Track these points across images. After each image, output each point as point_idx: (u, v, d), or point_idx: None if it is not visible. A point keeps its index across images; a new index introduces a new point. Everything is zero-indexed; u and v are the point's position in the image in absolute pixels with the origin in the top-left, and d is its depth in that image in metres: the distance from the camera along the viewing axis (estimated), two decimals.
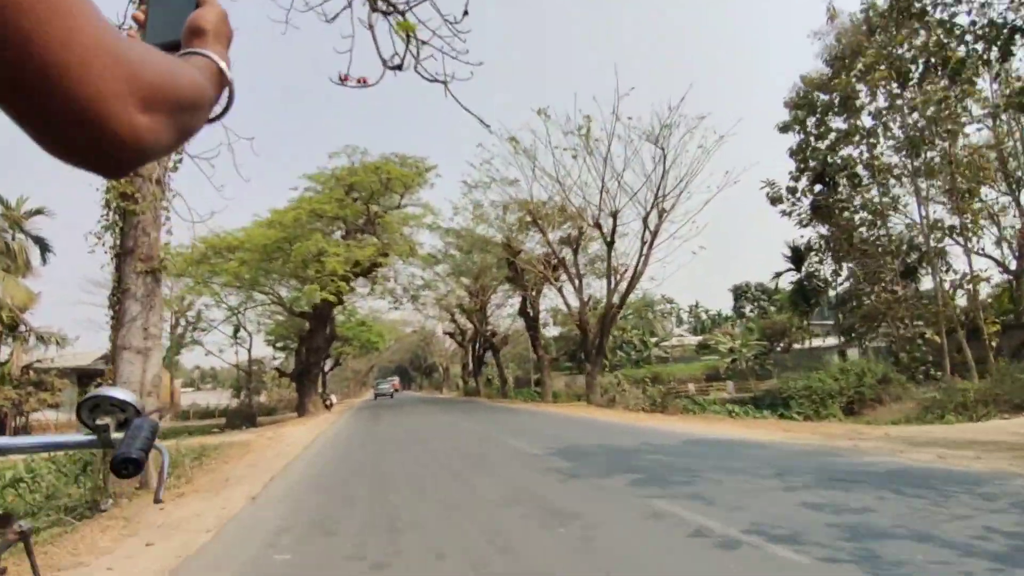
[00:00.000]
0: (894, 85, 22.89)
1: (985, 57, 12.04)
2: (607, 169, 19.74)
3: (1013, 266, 23.86)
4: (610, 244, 20.81)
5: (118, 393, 1.00)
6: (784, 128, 26.58)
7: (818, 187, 25.53)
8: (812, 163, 25.91)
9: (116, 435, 0.99)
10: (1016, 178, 22.40)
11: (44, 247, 28.10)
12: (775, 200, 27.09)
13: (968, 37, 12.04)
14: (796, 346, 35.35)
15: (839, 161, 24.10)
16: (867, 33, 22.73)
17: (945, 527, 3.98)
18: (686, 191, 21.36)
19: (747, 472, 6.45)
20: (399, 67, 5.12)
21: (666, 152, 19.67)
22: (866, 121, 24.84)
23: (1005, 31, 10.77)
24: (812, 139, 25.29)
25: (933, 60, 20.20)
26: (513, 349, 51.55)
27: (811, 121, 25.73)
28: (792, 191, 26.82)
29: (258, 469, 9.70)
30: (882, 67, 21.92)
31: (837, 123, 25.74)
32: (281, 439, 15.37)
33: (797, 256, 27.69)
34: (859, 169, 25.25)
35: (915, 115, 21.75)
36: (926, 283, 25.21)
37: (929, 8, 12.42)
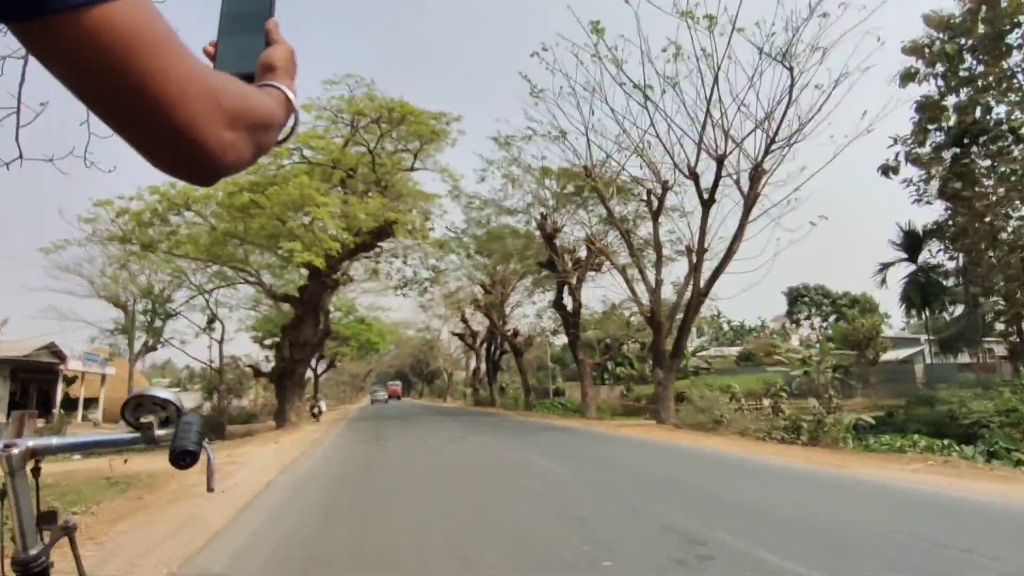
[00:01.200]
0: None
1: None
2: (713, 93, 14.07)
3: None
4: (708, 203, 15.03)
5: (160, 392, 1.04)
6: (908, 76, 20.93)
7: (953, 151, 19.85)
8: (942, 123, 20.31)
9: (159, 432, 1.02)
10: None
11: None
12: (889, 170, 21.40)
13: None
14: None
15: (998, 115, 18.42)
16: None
17: None
18: (799, 141, 15.79)
19: None
20: None
21: (796, 75, 14.04)
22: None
23: None
24: (950, 89, 19.62)
25: None
26: (527, 354, 45.78)
27: (942, 67, 20.10)
28: (914, 158, 21.15)
29: None
30: None
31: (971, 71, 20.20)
32: (219, 476, 9.57)
33: (913, 243, 21.95)
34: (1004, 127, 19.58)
35: None
36: None
37: None
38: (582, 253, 25.93)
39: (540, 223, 24.73)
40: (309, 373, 38.16)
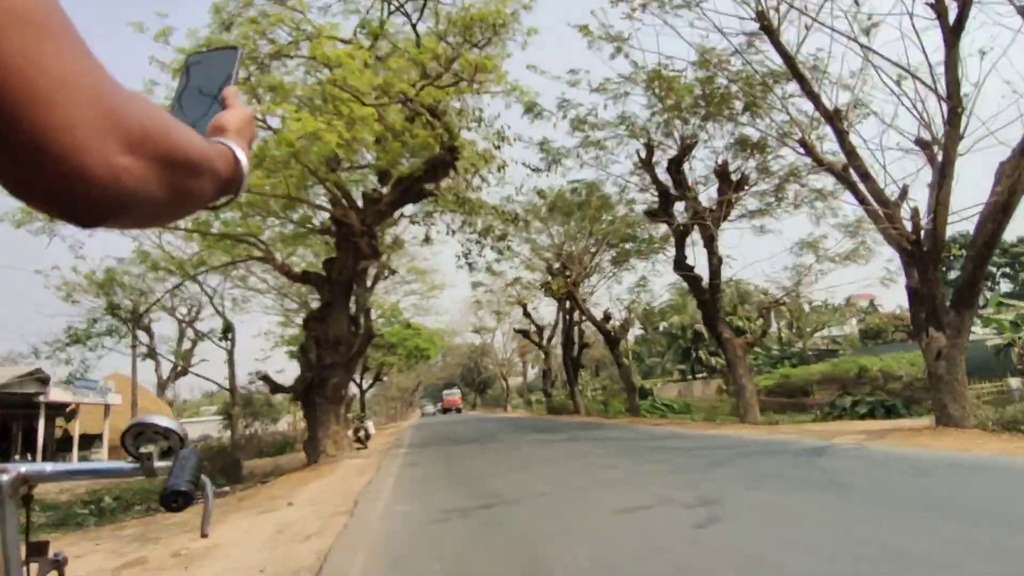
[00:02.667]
0: None
1: None
2: None
3: None
4: None
5: (162, 421, 0.98)
6: None
7: None
8: None
9: (159, 464, 0.98)
10: None
11: None
12: None
13: None
14: None
15: None
16: None
17: None
18: None
19: None
20: None
21: None
22: None
23: None
24: None
25: None
26: (589, 351, 38.58)
27: None
28: None
29: None
30: None
31: None
32: None
33: None
34: None
35: None
36: None
37: None
38: (704, 195, 18.71)
39: (647, 151, 17.65)
40: (353, 389, 31.97)
